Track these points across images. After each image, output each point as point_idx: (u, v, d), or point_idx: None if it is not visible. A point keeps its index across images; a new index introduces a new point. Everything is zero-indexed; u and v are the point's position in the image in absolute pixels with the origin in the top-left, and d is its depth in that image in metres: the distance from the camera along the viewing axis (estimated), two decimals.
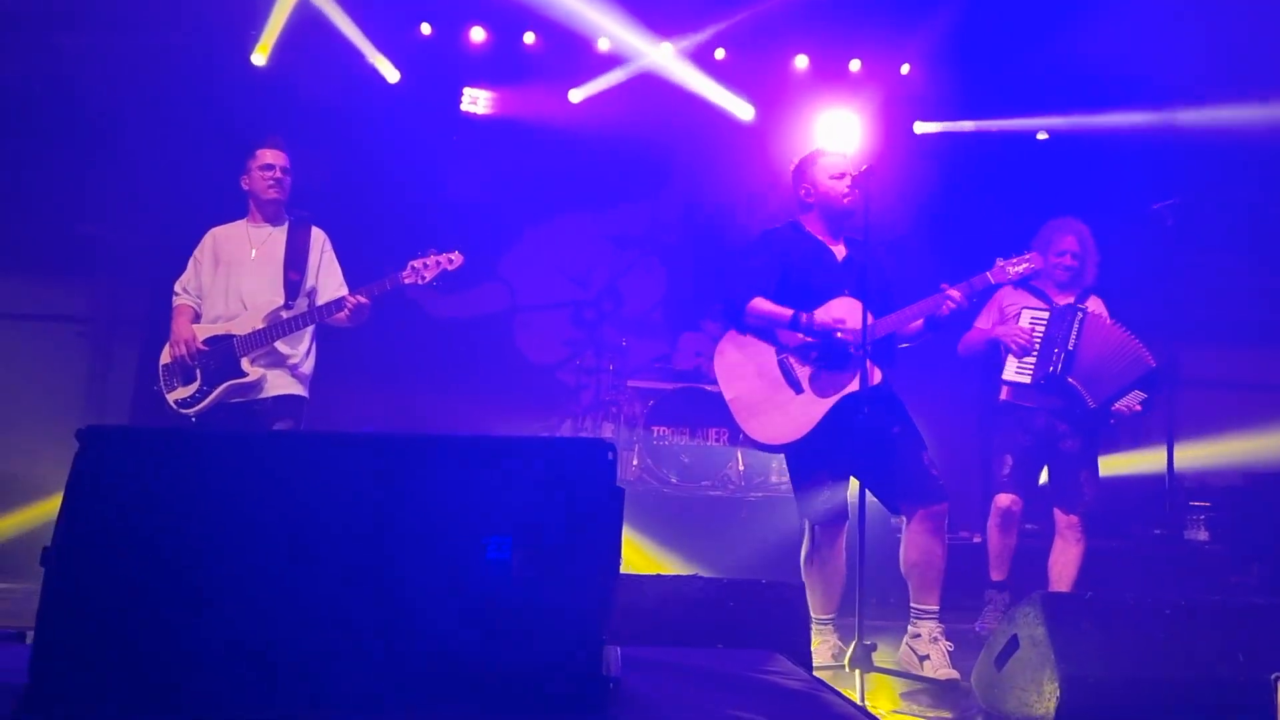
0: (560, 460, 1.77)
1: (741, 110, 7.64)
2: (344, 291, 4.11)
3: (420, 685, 1.68)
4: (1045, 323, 4.37)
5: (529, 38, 7.64)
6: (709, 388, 6.65)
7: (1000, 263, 3.79)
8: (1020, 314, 4.43)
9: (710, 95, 7.57)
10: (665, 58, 7.70)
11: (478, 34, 7.59)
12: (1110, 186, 6.32)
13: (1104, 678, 2.69)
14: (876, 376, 3.55)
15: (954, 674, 3.43)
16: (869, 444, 3.50)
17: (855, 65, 7.81)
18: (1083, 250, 4.54)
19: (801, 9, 7.30)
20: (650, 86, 7.64)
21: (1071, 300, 4.48)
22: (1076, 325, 4.30)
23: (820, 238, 3.83)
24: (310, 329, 4.14)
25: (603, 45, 7.68)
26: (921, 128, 7.72)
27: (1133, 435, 5.57)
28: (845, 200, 3.74)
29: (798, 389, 3.66)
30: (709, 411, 6.32)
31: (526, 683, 1.65)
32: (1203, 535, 5.67)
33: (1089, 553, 4.41)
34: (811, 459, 3.70)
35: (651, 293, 7.65)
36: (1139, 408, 4.36)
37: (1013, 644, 2.92)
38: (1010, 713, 2.87)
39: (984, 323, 4.61)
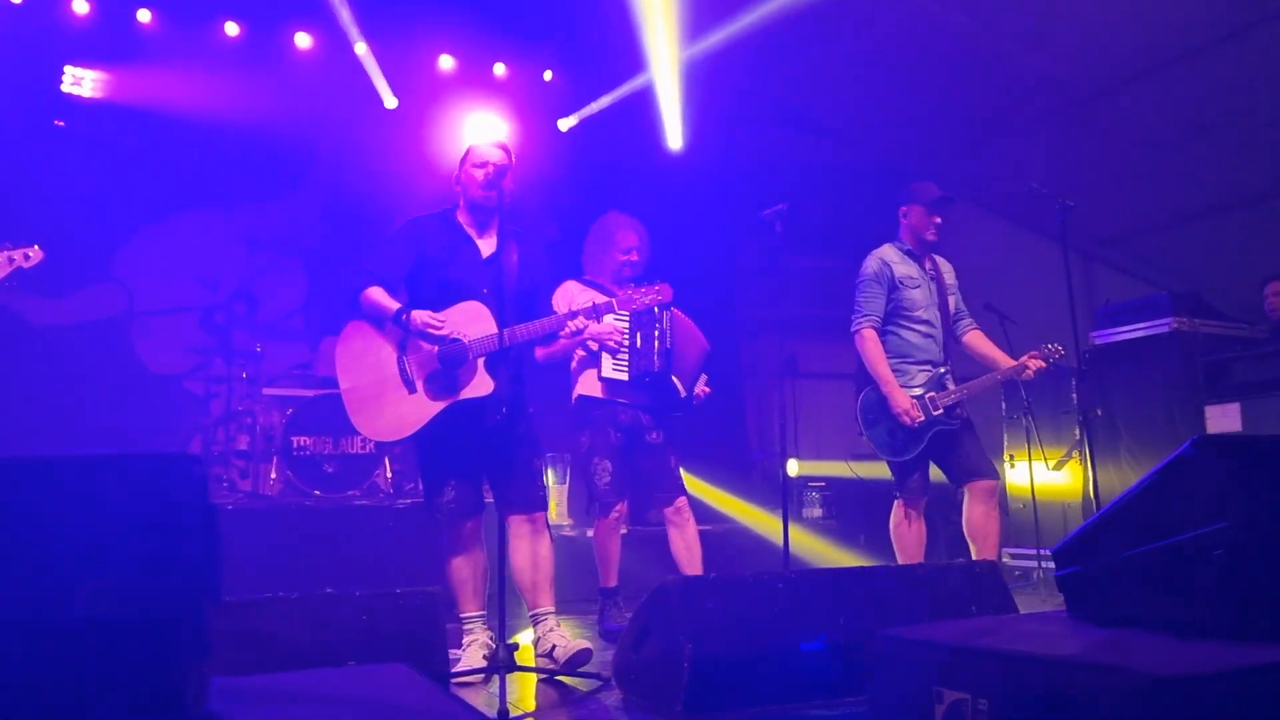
0: (137, 480, 1.55)
1: (386, 99, 7.44)
2: None
3: None
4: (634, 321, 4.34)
5: (144, 15, 6.95)
6: None
7: (630, 291, 3.88)
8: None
9: (352, 86, 7.31)
10: (303, 44, 7.34)
11: (80, 6, 6.79)
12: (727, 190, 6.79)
13: (730, 652, 2.85)
14: (489, 386, 3.54)
15: (585, 644, 3.53)
16: (487, 448, 3.58)
17: (500, 69, 7.90)
18: (644, 247, 4.57)
19: (445, 11, 7.25)
20: (286, 74, 7.22)
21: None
22: (669, 322, 4.35)
23: (467, 230, 3.75)
24: None
25: (231, 29, 7.17)
26: (565, 124, 7.93)
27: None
28: (478, 190, 3.68)
29: (411, 389, 3.58)
30: None
31: None
32: (818, 512, 6.30)
33: (715, 536, 4.52)
34: (431, 458, 3.67)
35: (290, 296, 7.21)
36: (709, 389, 4.54)
37: (646, 630, 3.02)
38: (648, 696, 2.96)
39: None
